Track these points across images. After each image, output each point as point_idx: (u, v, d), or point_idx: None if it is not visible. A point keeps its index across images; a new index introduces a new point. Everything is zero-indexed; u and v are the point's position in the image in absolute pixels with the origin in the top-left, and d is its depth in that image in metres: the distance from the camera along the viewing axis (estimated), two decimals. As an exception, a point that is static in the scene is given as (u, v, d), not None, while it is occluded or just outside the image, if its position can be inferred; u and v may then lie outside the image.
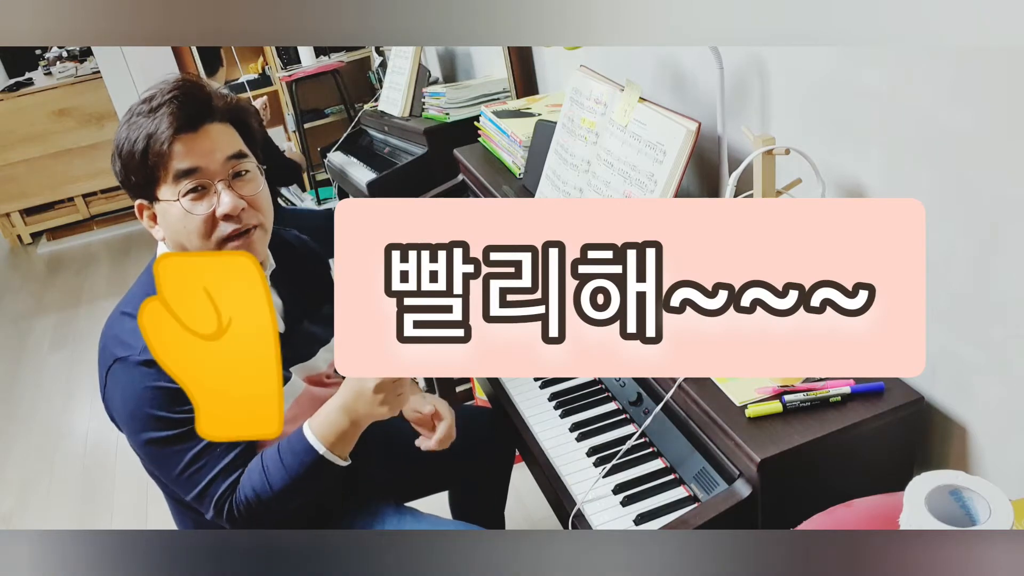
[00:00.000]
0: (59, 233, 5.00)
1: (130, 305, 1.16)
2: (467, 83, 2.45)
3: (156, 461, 1.15)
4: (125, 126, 1.09)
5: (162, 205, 1.10)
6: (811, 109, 1.20)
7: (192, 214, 1.08)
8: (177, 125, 1.06)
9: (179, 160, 1.07)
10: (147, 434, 1.11)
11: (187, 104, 1.07)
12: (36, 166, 4.82)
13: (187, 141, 1.07)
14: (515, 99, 2.23)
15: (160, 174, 1.07)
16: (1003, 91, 0.89)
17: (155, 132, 1.05)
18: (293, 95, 3.27)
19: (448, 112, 2.32)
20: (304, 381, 1.28)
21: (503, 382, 1.45)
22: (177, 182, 1.07)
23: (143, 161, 1.06)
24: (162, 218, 1.11)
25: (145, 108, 1.07)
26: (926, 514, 0.73)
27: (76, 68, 4.96)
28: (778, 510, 1.03)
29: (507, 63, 2.24)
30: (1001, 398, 1.02)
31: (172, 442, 1.11)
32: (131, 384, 1.10)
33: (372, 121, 2.79)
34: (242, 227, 1.12)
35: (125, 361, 1.10)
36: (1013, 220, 0.92)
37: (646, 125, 1.29)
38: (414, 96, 2.52)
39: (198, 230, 1.09)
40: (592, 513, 1.15)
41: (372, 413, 1.09)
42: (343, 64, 3.37)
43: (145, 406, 1.09)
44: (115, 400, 1.13)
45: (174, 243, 1.13)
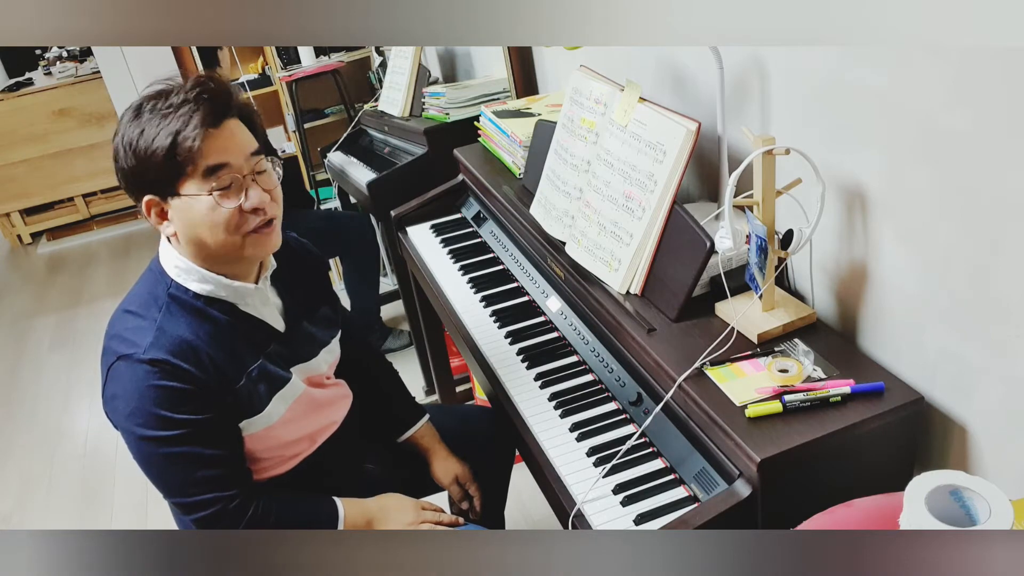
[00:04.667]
0: (59, 233, 5.01)
1: (134, 304, 1.16)
2: (467, 83, 2.44)
3: (149, 461, 1.15)
4: (136, 123, 1.08)
5: (184, 200, 1.10)
6: (811, 109, 1.20)
7: (222, 207, 1.10)
8: (207, 122, 1.07)
9: (209, 156, 1.08)
10: (145, 431, 1.11)
11: (212, 100, 1.09)
12: (36, 166, 4.82)
13: (215, 137, 1.09)
14: (515, 99, 2.22)
15: (188, 170, 1.08)
16: (1003, 91, 0.89)
17: (183, 128, 1.06)
18: (293, 95, 3.27)
19: (448, 112, 2.32)
20: (304, 383, 1.28)
21: (503, 382, 1.45)
22: (206, 178, 1.09)
23: (170, 158, 1.07)
24: (181, 213, 1.11)
25: (162, 105, 1.08)
26: (926, 514, 0.73)
27: (76, 68, 4.96)
28: (778, 510, 1.03)
29: (507, 63, 2.24)
30: (1001, 398, 1.02)
31: (170, 443, 1.12)
32: (134, 381, 1.10)
33: (372, 121, 2.79)
34: (265, 219, 1.14)
35: (129, 359, 1.10)
36: (1013, 220, 0.92)
37: (646, 125, 1.29)
38: (414, 96, 2.52)
39: (226, 223, 1.11)
40: (592, 513, 1.15)
41: (399, 523, 1.32)
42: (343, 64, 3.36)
43: (147, 404, 1.10)
44: (115, 397, 1.13)
45: (191, 237, 1.13)
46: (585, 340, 1.45)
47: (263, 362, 1.21)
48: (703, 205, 1.50)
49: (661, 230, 1.28)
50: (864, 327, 1.22)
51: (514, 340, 1.54)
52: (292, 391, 1.25)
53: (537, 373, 1.44)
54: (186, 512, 1.17)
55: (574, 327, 1.49)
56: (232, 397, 1.16)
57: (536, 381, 1.42)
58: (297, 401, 1.26)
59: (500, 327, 1.58)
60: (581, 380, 1.40)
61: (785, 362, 1.14)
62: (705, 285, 1.31)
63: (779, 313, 1.22)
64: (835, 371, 1.12)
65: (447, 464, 1.48)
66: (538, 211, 1.60)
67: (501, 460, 1.64)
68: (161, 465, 1.15)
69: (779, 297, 1.25)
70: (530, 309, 1.63)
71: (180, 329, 1.13)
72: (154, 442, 1.12)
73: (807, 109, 1.21)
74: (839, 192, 1.18)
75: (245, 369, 1.18)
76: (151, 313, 1.14)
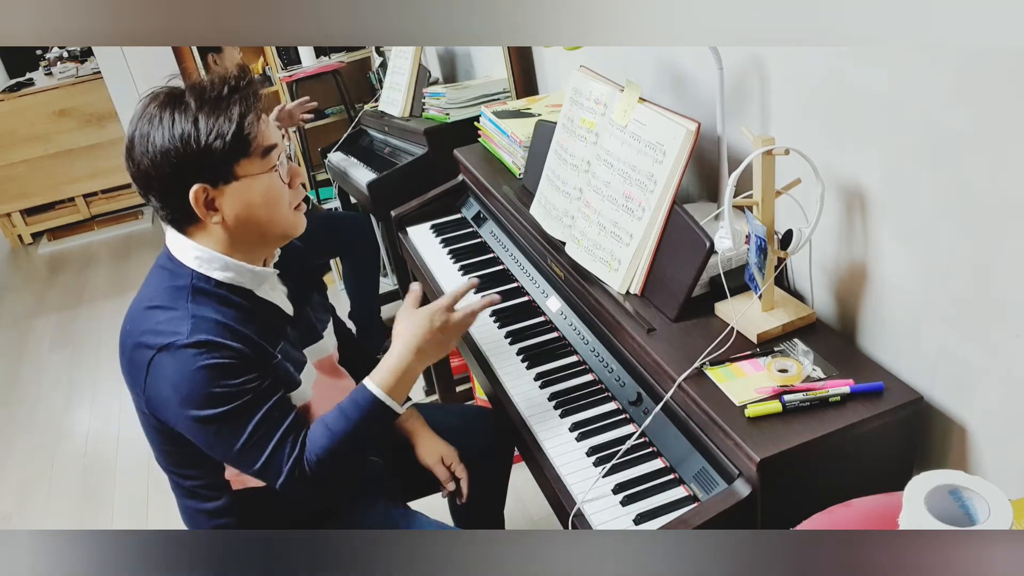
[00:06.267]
0: (60, 233, 5.01)
1: (156, 299, 1.18)
2: (467, 83, 2.45)
3: (214, 439, 1.16)
4: (184, 117, 1.10)
5: (244, 182, 1.14)
6: (811, 109, 1.20)
7: (286, 182, 1.19)
8: (259, 106, 1.15)
9: (266, 138, 1.15)
10: (204, 411, 1.12)
11: (256, 88, 1.16)
12: (37, 166, 4.82)
13: (265, 121, 1.16)
14: (515, 99, 2.23)
15: (252, 150, 1.14)
16: (1003, 91, 0.89)
17: (247, 113, 1.12)
18: (293, 95, 3.27)
19: (448, 112, 2.32)
20: (315, 367, 1.30)
21: (503, 382, 1.45)
22: (265, 157, 1.15)
23: (236, 141, 1.11)
24: (238, 196, 1.15)
25: (211, 95, 1.12)
26: (926, 514, 0.73)
27: (77, 68, 4.96)
28: (777, 510, 1.03)
29: (507, 63, 2.24)
30: (1001, 398, 1.02)
31: (230, 418, 1.13)
32: (182, 367, 1.11)
33: (372, 121, 2.79)
34: (304, 195, 1.25)
35: (171, 347, 1.12)
36: (1013, 220, 0.92)
37: (646, 125, 1.29)
38: (414, 96, 2.52)
39: (289, 197, 1.20)
40: (592, 513, 1.15)
41: (433, 352, 1.25)
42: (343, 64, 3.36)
43: (200, 386, 1.11)
44: (163, 388, 1.13)
45: (246, 219, 1.17)
46: (585, 340, 1.45)
47: (284, 344, 1.24)
48: (703, 205, 1.50)
49: (661, 230, 1.28)
50: (863, 327, 1.22)
51: (514, 340, 1.54)
52: (307, 377, 1.28)
53: (537, 373, 1.44)
54: (265, 470, 1.16)
55: (574, 327, 1.49)
56: (272, 370, 1.19)
57: (536, 381, 1.42)
58: (315, 384, 1.28)
59: (500, 327, 1.58)
60: (581, 380, 1.40)
61: (785, 362, 1.14)
62: (705, 285, 1.31)
63: (779, 313, 1.23)
64: (834, 371, 1.12)
65: (432, 444, 1.44)
66: (538, 211, 1.60)
67: (501, 460, 1.64)
68: (229, 439, 1.15)
69: (779, 297, 1.25)
70: (530, 309, 1.63)
71: (211, 313, 1.15)
72: (216, 420, 1.13)
73: (807, 109, 1.21)
74: (839, 192, 1.18)
75: (276, 347, 1.21)
76: (181, 304, 1.15)
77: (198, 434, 1.15)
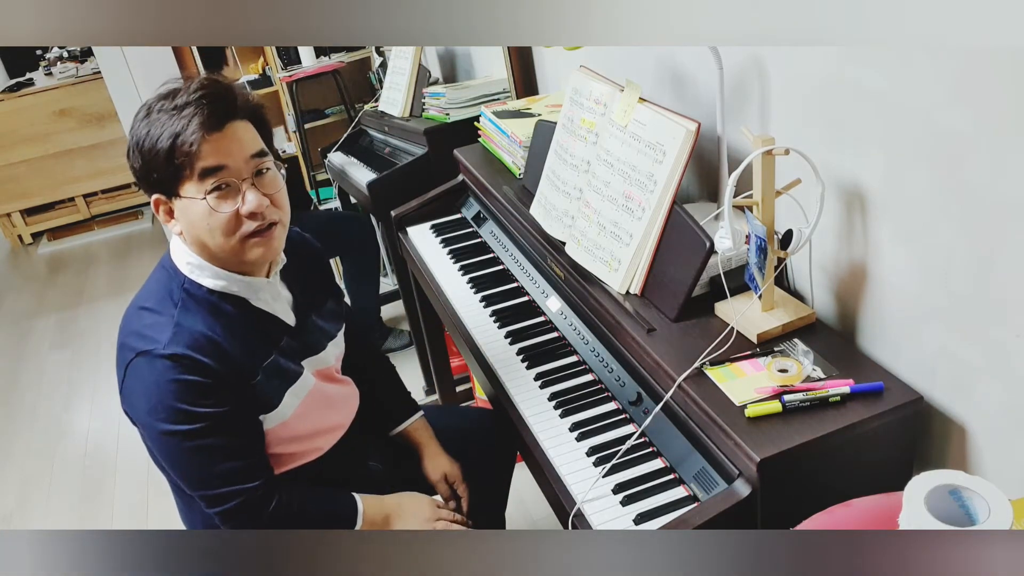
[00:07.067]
0: (60, 233, 5.01)
1: (149, 300, 1.17)
2: (467, 83, 2.44)
3: (172, 455, 1.16)
4: (145, 122, 1.09)
5: (184, 202, 1.10)
6: (811, 109, 1.20)
7: (218, 212, 1.10)
8: (206, 125, 1.07)
9: (206, 159, 1.08)
10: (167, 426, 1.11)
11: (214, 103, 1.09)
12: (37, 166, 4.83)
13: (214, 140, 1.08)
14: (515, 99, 2.22)
15: (186, 173, 1.08)
16: (1003, 91, 0.89)
17: (182, 132, 1.06)
18: (293, 95, 3.27)
19: (448, 112, 2.32)
20: (314, 376, 1.29)
21: (503, 382, 1.45)
22: (202, 180, 1.09)
23: (168, 159, 1.07)
24: (182, 214, 1.12)
25: (168, 105, 1.08)
26: (926, 514, 0.73)
27: (76, 68, 4.96)
28: (777, 510, 1.03)
29: (507, 63, 2.24)
30: (1001, 398, 1.02)
31: (192, 436, 1.12)
32: (154, 376, 1.10)
33: (372, 121, 2.78)
34: (264, 224, 1.13)
35: (148, 355, 1.11)
36: (1013, 220, 0.92)
37: (646, 125, 1.29)
38: (414, 96, 2.52)
39: (223, 227, 1.11)
40: (592, 513, 1.15)
41: (416, 521, 1.31)
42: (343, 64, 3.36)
43: (168, 398, 1.10)
44: (135, 394, 1.13)
45: (194, 239, 1.14)
46: (585, 340, 1.45)
47: (276, 357, 1.22)
48: (703, 205, 1.50)
49: (661, 230, 1.28)
50: (863, 327, 1.22)
51: (514, 340, 1.54)
52: (303, 385, 1.26)
53: (537, 373, 1.44)
54: (211, 505, 1.17)
55: (574, 327, 1.49)
56: (249, 391, 1.17)
57: (536, 381, 1.42)
58: (309, 395, 1.27)
59: (500, 327, 1.58)
60: (581, 380, 1.40)
61: (785, 362, 1.14)
62: (705, 285, 1.31)
63: (778, 313, 1.23)
64: (834, 371, 1.12)
65: (437, 461, 1.47)
66: (538, 211, 1.60)
67: (502, 460, 1.64)
68: (184, 459, 1.15)
69: (778, 297, 1.25)
70: (530, 309, 1.63)
71: (197, 324, 1.13)
72: (177, 436, 1.12)
73: (807, 109, 1.21)
74: (839, 192, 1.18)
75: (259, 364, 1.19)
76: (167, 309, 1.14)
77: (157, 445, 1.16)
